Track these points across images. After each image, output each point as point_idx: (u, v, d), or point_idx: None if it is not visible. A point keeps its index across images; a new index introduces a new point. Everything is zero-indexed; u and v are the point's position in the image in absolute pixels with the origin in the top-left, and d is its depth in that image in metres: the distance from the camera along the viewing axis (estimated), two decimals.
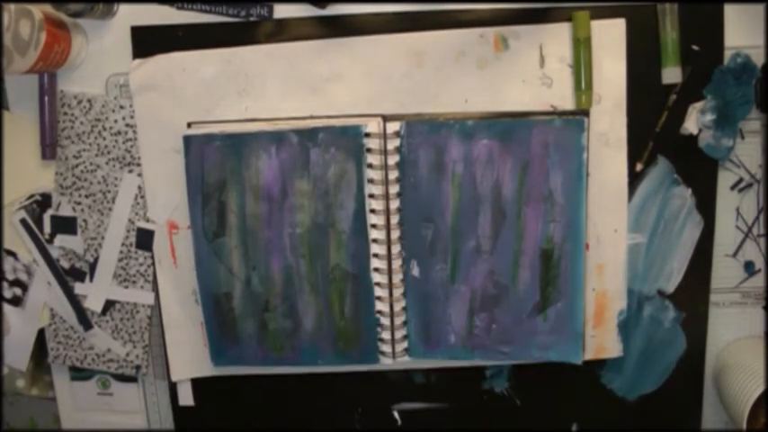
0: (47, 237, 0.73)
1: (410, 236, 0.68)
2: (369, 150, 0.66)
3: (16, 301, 0.75)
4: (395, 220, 0.67)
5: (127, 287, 0.73)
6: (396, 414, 0.75)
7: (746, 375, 0.66)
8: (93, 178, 0.71)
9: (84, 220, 0.72)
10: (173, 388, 0.76)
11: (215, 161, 0.67)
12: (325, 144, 0.66)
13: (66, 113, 0.70)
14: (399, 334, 0.70)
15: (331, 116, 0.67)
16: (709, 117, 0.65)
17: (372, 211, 0.67)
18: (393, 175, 0.67)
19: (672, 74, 0.65)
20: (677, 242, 0.69)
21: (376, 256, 0.68)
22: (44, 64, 0.64)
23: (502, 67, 0.66)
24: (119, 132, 0.70)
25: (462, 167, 0.66)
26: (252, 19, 0.67)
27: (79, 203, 0.72)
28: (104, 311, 0.74)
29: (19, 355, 0.76)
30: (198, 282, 0.70)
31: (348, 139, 0.66)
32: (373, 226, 0.67)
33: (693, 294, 0.70)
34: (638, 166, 0.68)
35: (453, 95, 0.67)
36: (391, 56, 0.67)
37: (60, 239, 0.73)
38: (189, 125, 0.68)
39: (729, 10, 0.65)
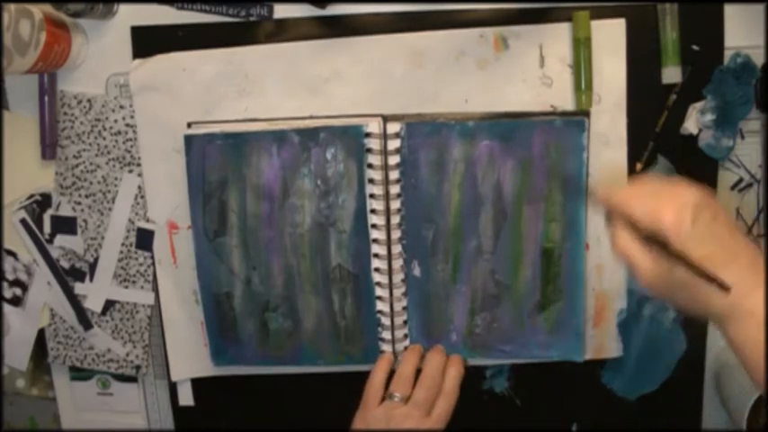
0: (47, 237, 0.73)
1: (411, 236, 0.68)
2: (369, 150, 0.66)
3: (16, 301, 0.75)
4: (395, 220, 0.67)
5: (127, 287, 0.73)
6: None
7: (746, 375, 0.66)
8: (93, 178, 0.71)
9: (84, 220, 0.72)
10: (173, 388, 0.76)
11: (216, 160, 0.67)
12: (327, 144, 0.66)
13: (66, 113, 0.70)
14: (400, 333, 0.70)
15: (331, 116, 0.67)
16: (709, 117, 0.65)
17: (373, 211, 0.67)
18: (394, 175, 0.67)
19: (672, 74, 0.65)
20: None
21: (377, 256, 0.68)
22: (44, 64, 0.64)
23: (502, 67, 0.66)
24: (119, 132, 0.70)
25: (463, 168, 0.66)
26: (252, 19, 0.67)
27: (79, 203, 0.72)
28: (104, 311, 0.74)
29: (19, 355, 0.76)
30: (198, 281, 0.70)
31: (349, 139, 0.66)
32: (374, 226, 0.67)
33: None
34: (638, 166, 0.68)
35: (453, 95, 0.67)
36: (391, 56, 0.67)
37: (60, 239, 0.73)
38: (189, 125, 0.68)
39: (729, 10, 0.65)
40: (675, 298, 0.50)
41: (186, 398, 0.76)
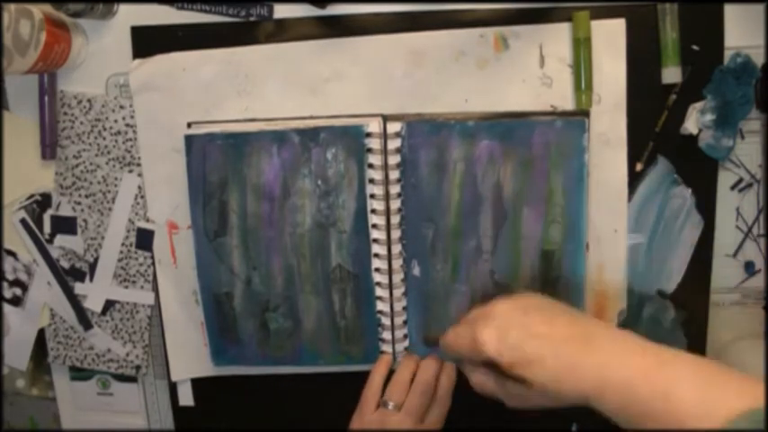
0: (47, 237, 0.73)
1: (411, 236, 0.68)
2: (369, 150, 0.66)
3: (16, 301, 0.75)
4: (395, 220, 0.67)
5: (127, 287, 0.73)
6: None
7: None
8: (93, 178, 0.71)
9: (84, 220, 0.72)
10: (173, 388, 0.76)
11: (216, 160, 0.67)
12: (327, 144, 0.66)
13: (66, 113, 0.70)
14: (400, 333, 0.70)
15: (331, 116, 0.67)
16: (709, 117, 0.65)
17: (373, 211, 0.67)
18: (394, 175, 0.67)
19: (672, 74, 0.65)
20: (677, 242, 0.69)
21: (377, 255, 0.68)
22: (44, 64, 0.64)
23: (502, 67, 0.66)
24: (119, 132, 0.70)
25: (463, 168, 0.66)
26: (252, 19, 0.67)
27: (79, 203, 0.72)
28: (104, 311, 0.74)
29: (19, 355, 0.76)
30: (198, 281, 0.70)
31: (349, 139, 0.66)
32: (374, 226, 0.67)
33: (693, 294, 0.70)
34: (638, 166, 0.68)
35: (453, 95, 0.67)
36: (391, 56, 0.67)
37: (60, 239, 0.73)
38: (189, 125, 0.68)
39: (729, 10, 0.65)
40: (549, 402, 0.52)
41: (186, 398, 0.76)
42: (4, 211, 0.73)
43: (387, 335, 0.70)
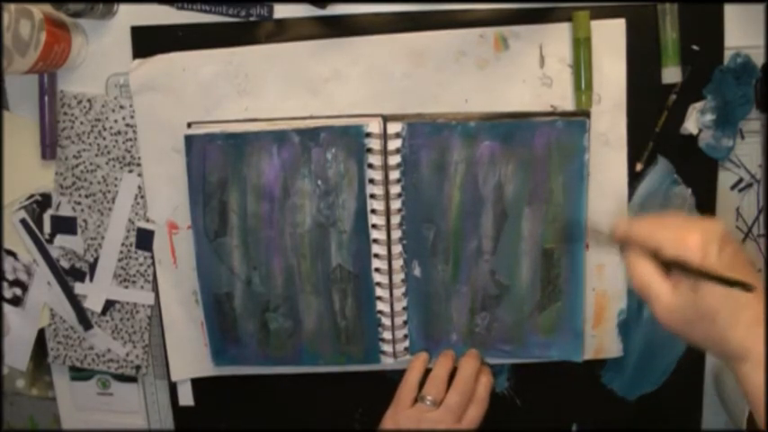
0: (47, 237, 0.73)
1: (411, 236, 0.68)
2: (369, 150, 0.66)
3: (16, 301, 0.75)
4: (396, 220, 0.67)
5: (127, 287, 0.73)
6: None
7: None
8: (93, 178, 0.71)
9: (84, 220, 0.72)
10: (173, 388, 0.76)
11: (216, 161, 0.67)
12: (327, 144, 0.66)
13: (66, 113, 0.70)
14: (400, 333, 0.70)
15: (331, 116, 0.67)
16: (709, 117, 0.65)
17: (373, 211, 0.67)
18: (394, 175, 0.67)
19: (672, 74, 0.65)
20: None
21: (377, 256, 0.68)
22: (44, 64, 0.64)
23: (502, 67, 0.66)
24: (119, 132, 0.70)
25: (464, 168, 0.66)
26: (252, 19, 0.67)
27: (79, 203, 0.72)
28: (104, 311, 0.74)
29: (19, 355, 0.76)
30: (199, 281, 0.70)
31: (349, 139, 0.66)
32: (374, 226, 0.67)
33: None
34: (638, 166, 0.68)
35: (453, 95, 0.67)
36: (391, 56, 0.67)
37: (60, 239, 0.73)
38: (189, 125, 0.68)
39: (729, 10, 0.65)
40: (692, 332, 0.49)
41: (186, 398, 0.76)
42: (4, 211, 0.73)
43: (387, 335, 0.70)
